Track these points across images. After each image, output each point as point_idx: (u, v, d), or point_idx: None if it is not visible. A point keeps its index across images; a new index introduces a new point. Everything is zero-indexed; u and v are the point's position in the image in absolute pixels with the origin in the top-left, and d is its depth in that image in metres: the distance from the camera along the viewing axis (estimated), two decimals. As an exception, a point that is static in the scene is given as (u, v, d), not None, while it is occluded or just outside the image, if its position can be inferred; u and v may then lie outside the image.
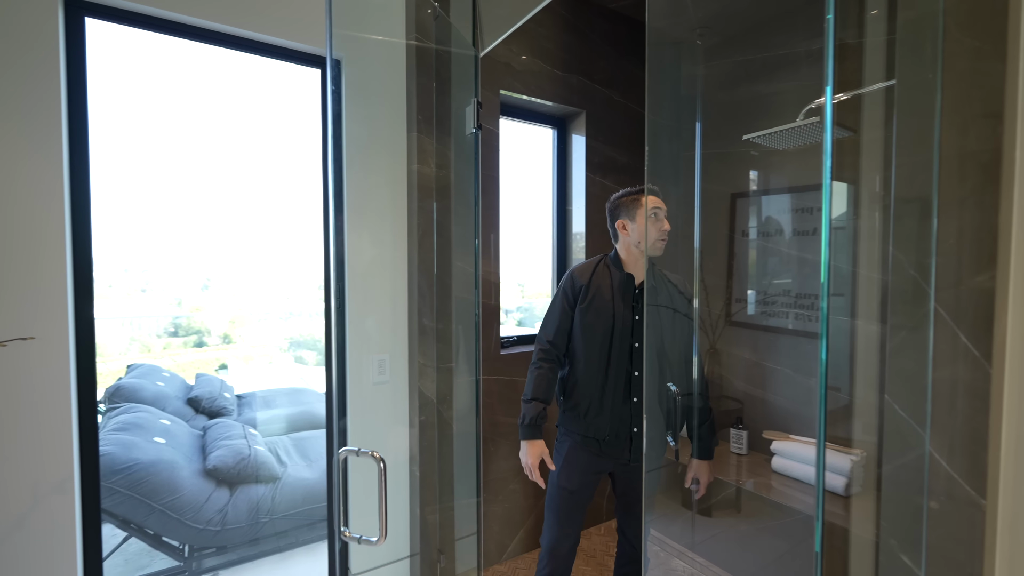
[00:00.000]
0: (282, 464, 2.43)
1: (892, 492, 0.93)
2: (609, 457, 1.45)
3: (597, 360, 1.41)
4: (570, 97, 2.19)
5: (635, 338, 1.41)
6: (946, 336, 0.84)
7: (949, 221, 0.84)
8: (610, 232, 1.55)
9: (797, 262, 2.23)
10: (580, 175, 2.30)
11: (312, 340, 4.58)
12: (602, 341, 1.40)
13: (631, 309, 1.42)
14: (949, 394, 0.84)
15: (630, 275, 1.45)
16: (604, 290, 1.44)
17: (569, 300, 1.47)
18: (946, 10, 0.84)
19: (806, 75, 2.11)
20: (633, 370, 1.41)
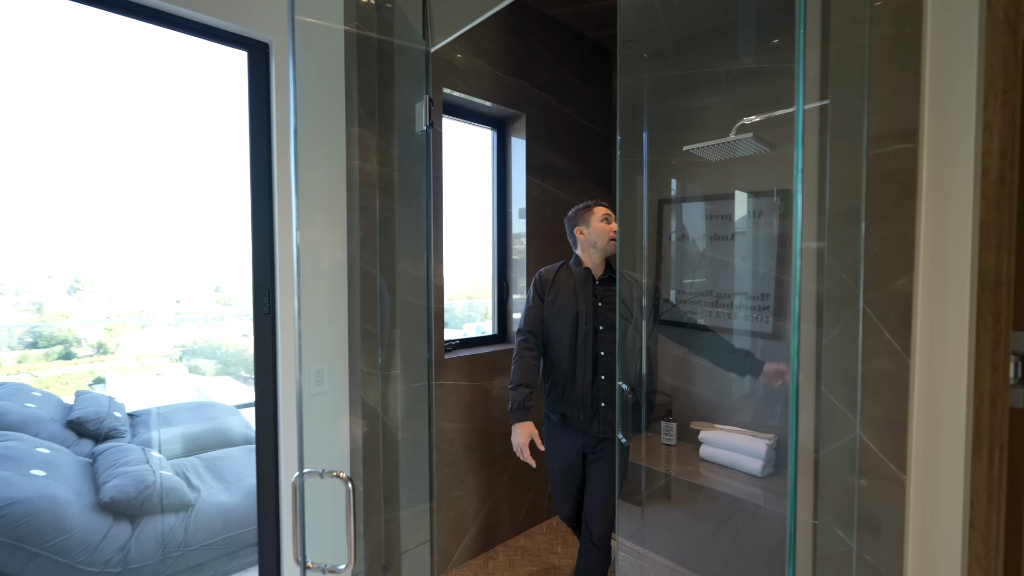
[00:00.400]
0: (194, 489, 2.18)
1: (828, 474, 1.03)
2: (580, 432, 1.62)
3: (567, 343, 1.61)
4: (511, 99, 2.20)
5: (598, 321, 1.61)
6: (873, 333, 0.95)
7: (875, 231, 0.95)
8: (570, 242, 1.76)
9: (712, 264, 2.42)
10: (520, 178, 2.31)
11: (211, 347, 4.14)
12: (569, 325, 1.61)
13: (592, 296, 1.63)
14: (875, 384, 0.96)
15: (588, 269, 1.67)
16: (567, 283, 1.67)
17: (539, 294, 1.69)
18: (871, 45, 0.95)
19: (726, 93, 2.30)
20: (599, 351, 1.59)
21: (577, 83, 2.52)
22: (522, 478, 2.29)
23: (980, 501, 0.91)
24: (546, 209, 2.38)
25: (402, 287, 1.74)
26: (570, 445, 1.65)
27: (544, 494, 2.40)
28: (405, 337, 1.76)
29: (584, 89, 2.56)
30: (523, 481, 2.29)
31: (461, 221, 2.32)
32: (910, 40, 0.91)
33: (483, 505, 2.16)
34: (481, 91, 2.09)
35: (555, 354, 1.64)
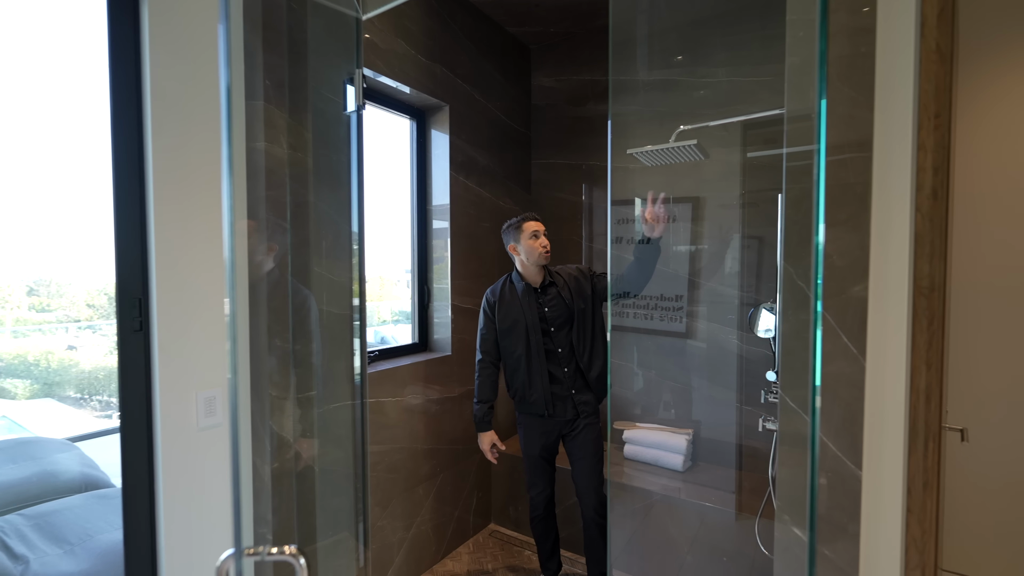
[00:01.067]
0: (18, 560, 1.66)
1: (786, 474, 1.07)
2: (556, 420, 1.77)
3: (521, 354, 1.76)
4: (433, 88, 2.03)
5: (548, 324, 1.76)
6: (831, 337, 1.00)
7: (832, 240, 1.00)
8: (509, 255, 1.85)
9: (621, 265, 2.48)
10: (443, 174, 2.15)
11: (23, 363, 3.27)
12: (519, 338, 1.76)
13: (537, 305, 1.77)
14: (833, 386, 1.00)
15: (527, 283, 1.79)
16: (512, 299, 1.79)
17: (489, 316, 1.83)
18: (830, 61, 1.00)
19: (643, 101, 2.38)
20: (557, 347, 1.75)
21: (499, 78, 2.42)
22: (446, 496, 2.13)
23: (916, 488, 1.00)
24: (470, 208, 2.25)
25: (319, 294, 1.49)
26: (545, 430, 1.79)
27: (470, 508, 2.27)
28: (323, 352, 1.51)
29: (506, 86, 2.48)
30: (447, 499, 2.14)
31: (375, 218, 2.09)
32: (865, 60, 0.96)
33: (408, 532, 1.96)
34: (402, 74, 1.89)
35: (512, 365, 1.79)
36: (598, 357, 1.77)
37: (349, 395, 1.60)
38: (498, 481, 2.39)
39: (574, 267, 1.84)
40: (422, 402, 2.01)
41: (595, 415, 1.81)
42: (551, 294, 1.77)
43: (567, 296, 1.76)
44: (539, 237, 1.75)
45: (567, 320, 1.76)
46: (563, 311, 1.75)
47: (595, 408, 1.79)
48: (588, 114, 2.52)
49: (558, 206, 2.65)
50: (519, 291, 1.78)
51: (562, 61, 2.59)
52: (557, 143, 2.64)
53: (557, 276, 1.80)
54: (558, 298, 1.77)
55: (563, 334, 1.76)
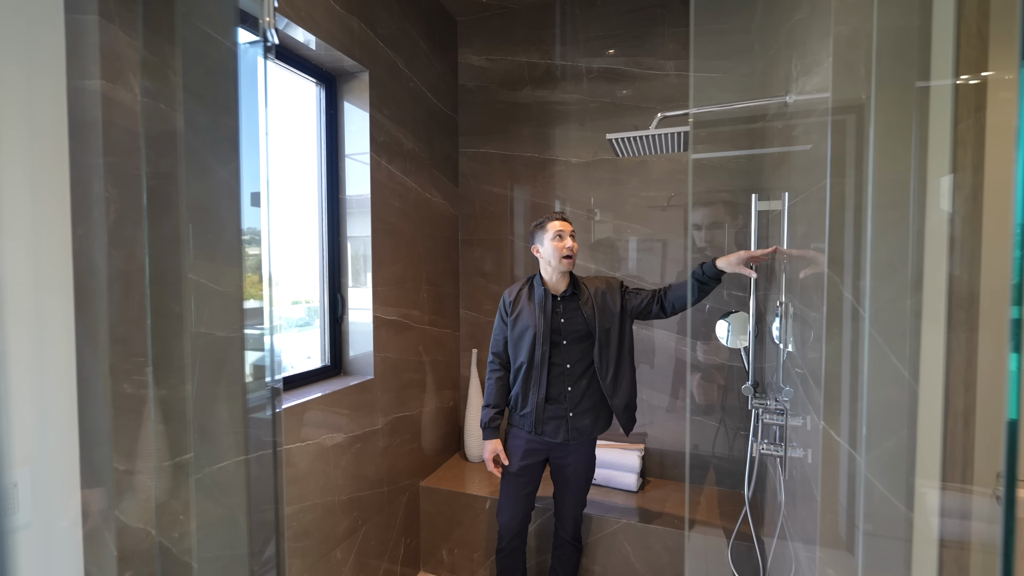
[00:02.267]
0: None
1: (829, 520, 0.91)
2: (548, 439, 1.60)
3: (524, 363, 1.60)
4: (350, 47, 1.62)
5: (561, 337, 1.59)
6: (880, 358, 0.86)
7: (880, 246, 0.85)
8: None
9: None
10: (361, 155, 1.74)
11: None
12: (526, 346, 1.60)
13: (553, 314, 1.60)
14: (881, 416, 0.86)
15: (546, 290, 1.61)
16: (527, 304, 1.63)
17: (503, 316, 1.68)
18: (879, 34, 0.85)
19: (587, 90, 2.19)
20: (564, 364, 1.58)
21: (424, 48, 2.07)
22: (370, 550, 1.74)
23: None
24: (394, 199, 1.87)
25: (197, 310, 1.04)
26: (530, 448, 1.62)
27: (397, 558, 1.89)
28: (204, 393, 1.06)
29: (432, 58, 2.13)
30: (371, 552, 1.74)
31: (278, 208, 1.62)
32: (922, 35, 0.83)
33: (324, 608, 1.53)
34: (310, 22, 1.46)
35: (516, 372, 1.64)
36: (625, 380, 1.58)
37: (241, 448, 1.16)
38: (428, 522, 2.04)
39: (604, 280, 1.65)
40: (339, 442, 1.59)
41: (591, 444, 1.64)
42: (571, 305, 1.60)
43: (589, 311, 1.58)
44: (563, 238, 1.55)
45: (584, 336, 1.58)
46: (581, 326, 1.58)
47: (590, 436, 1.62)
48: (524, 100, 2.27)
49: (490, 201, 2.37)
50: (537, 297, 1.62)
51: (494, 38, 2.31)
52: (488, 130, 2.35)
53: (583, 288, 1.63)
54: (578, 311, 1.59)
55: (576, 350, 1.58)
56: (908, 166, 0.84)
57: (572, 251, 1.55)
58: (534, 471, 1.63)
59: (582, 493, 1.64)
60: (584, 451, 1.61)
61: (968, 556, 0.89)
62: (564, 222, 1.58)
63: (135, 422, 0.94)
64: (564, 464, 1.61)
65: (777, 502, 1.42)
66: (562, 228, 1.56)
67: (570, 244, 1.55)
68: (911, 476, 0.85)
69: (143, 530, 0.96)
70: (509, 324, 1.64)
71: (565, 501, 1.64)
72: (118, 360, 0.91)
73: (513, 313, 1.63)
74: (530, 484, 1.64)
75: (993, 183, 0.99)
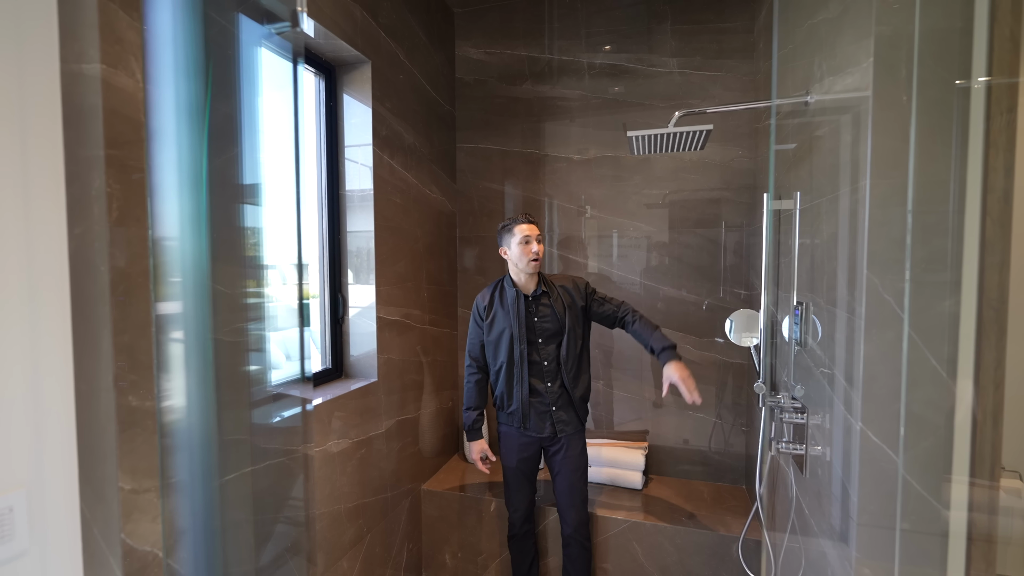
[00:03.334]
0: None
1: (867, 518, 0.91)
2: (535, 433, 1.66)
3: (504, 363, 1.65)
4: (353, 36, 1.55)
5: (536, 335, 1.63)
6: (918, 359, 0.86)
7: (920, 247, 0.85)
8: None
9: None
10: (363, 149, 1.67)
11: None
12: (504, 347, 1.64)
13: (527, 314, 1.64)
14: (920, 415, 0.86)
15: (517, 290, 1.65)
16: (500, 307, 1.66)
17: (477, 321, 1.71)
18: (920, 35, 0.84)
19: (588, 86, 2.16)
20: (541, 361, 1.63)
21: (423, 39, 2.00)
22: (375, 558, 1.68)
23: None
24: (395, 196, 1.81)
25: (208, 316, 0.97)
26: (523, 443, 1.68)
27: (400, 566, 1.84)
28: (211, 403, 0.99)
29: (430, 50, 2.07)
30: (376, 560, 1.69)
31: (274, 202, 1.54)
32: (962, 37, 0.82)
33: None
34: (313, 8, 1.39)
35: (494, 374, 1.69)
36: (584, 375, 1.67)
37: (247, 459, 1.10)
38: (430, 526, 1.99)
39: (570, 278, 1.70)
40: (345, 448, 1.53)
41: (579, 432, 1.69)
42: (543, 304, 1.65)
43: (559, 308, 1.64)
44: (529, 243, 1.59)
45: (556, 333, 1.64)
46: (553, 323, 1.64)
47: (577, 427, 1.69)
48: (524, 95, 2.23)
49: (488, 197, 2.32)
50: (509, 299, 1.65)
51: (492, 32, 2.26)
52: (486, 125, 2.30)
53: (552, 286, 1.68)
54: (550, 309, 1.64)
55: (551, 347, 1.64)
56: (948, 167, 0.83)
57: (538, 255, 1.60)
58: (531, 462, 1.71)
59: (578, 481, 1.66)
60: (574, 440, 1.67)
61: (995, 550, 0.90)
62: (531, 225, 1.61)
63: (141, 437, 0.87)
64: (555, 452, 1.67)
65: (788, 499, 1.43)
66: (529, 232, 1.59)
67: (536, 248, 1.59)
68: (948, 474, 0.85)
69: (150, 552, 0.89)
70: (484, 328, 1.68)
71: (562, 490, 1.67)
72: (122, 371, 0.83)
73: (488, 317, 1.67)
74: (531, 473, 1.72)
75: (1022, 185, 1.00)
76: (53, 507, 0.79)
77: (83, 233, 0.81)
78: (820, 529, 1.12)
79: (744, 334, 1.67)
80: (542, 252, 1.62)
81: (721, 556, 1.67)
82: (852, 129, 0.96)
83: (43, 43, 0.78)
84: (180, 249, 0.92)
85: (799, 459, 1.28)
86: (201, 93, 0.85)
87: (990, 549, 0.89)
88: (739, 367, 2.04)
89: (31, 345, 0.77)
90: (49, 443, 0.79)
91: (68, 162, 0.80)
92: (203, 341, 0.94)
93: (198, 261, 0.92)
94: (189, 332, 0.94)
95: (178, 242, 0.91)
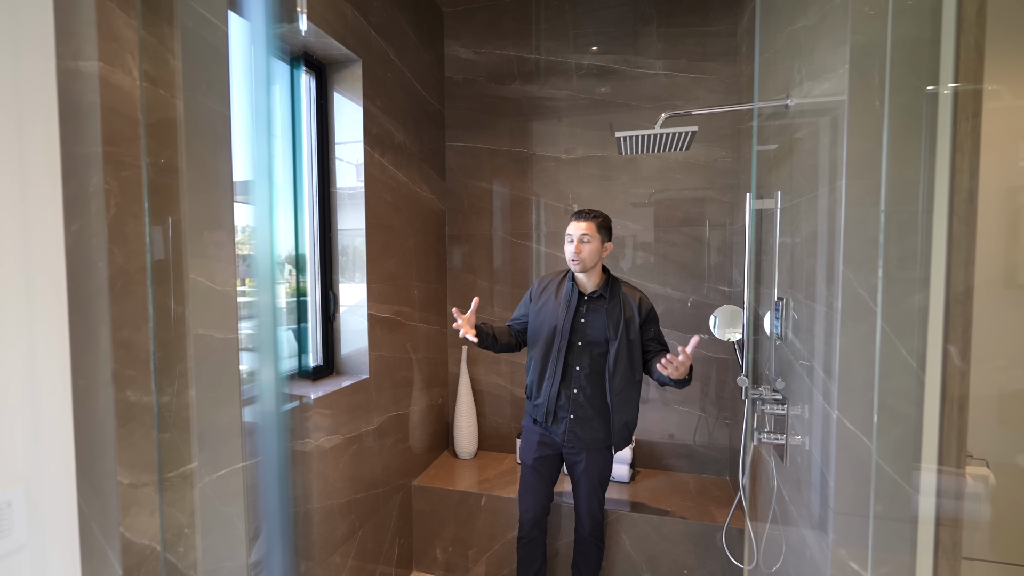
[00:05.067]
0: None
1: (843, 504, 0.96)
2: (552, 436, 1.62)
3: (541, 353, 1.60)
4: (344, 35, 1.56)
5: (577, 337, 1.57)
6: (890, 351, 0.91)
7: (893, 244, 0.90)
8: None
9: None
10: (354, 148, 1.69)
11: None
12: (545, 338, 1.59)
13: (575, 313, 1.57)
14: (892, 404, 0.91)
15: (574, 285, 1.60)
16: (553, 296, 1.63)
17: (530, 297, 1.70)
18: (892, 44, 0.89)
19: (576, 86, 2.20)
20: (574, 365, 1.57)
21: (413, 38, 2.02)
22: (366, 553, 1.70)
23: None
24: (386, 194, 1.82)
25: (198, 311, 0.98)
26: (544, 441, 1.63)
27: (392, 560, 1.86)
28: (203, 398, 1.01)
29: (420, 49, 2.08)
30: (368, 555, 1.71)
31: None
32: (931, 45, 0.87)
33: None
34: (308, 8, 1.39)
35: (531, 359, 1.65)
36: (630, 395, 1.56)
37: (238, 454, 1.11)
38: (421, 522, 2.01)
39: (639, 296, 1.59)
40: (337, 444, 1.54)
41: (601, 452, 1.60)
42: (597, 307, 1.57)
43: (614, 318, 1.54)
44: (572, 242, 1.53)
45: (600, 342, 1.54)
46: (600, 331, 1.54)
47: (601, 444, 1.58)
48: (513, 95, 2.25)
49: (477, 196, 2.34)
50: (565, 290, 1.60)
51: (481, 32, 2.28)
52: (475, 124, 2.32)
53: (616, 292, 1.58)
54: (601, 315, 1.55)
55: (589, 354, 1.55)
56: (918, 169, 0.88)
57: (577, 254, 1.51)
58: (550, 464, 1.63)
59: (594, 493, 1.61)
60: (597, 456, 1.58)
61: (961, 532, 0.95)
62: (577, 222, 1.54)
63: (139, 432, 0.87)
64: (575, 462, 1.61)
65: (769, 488, 1.48)
66: (572, 231, 1.53)
67: (577, 249, 1.51)
68: (917, 460, 0.91)
69: (148, 546, 0.89)
70: (532, 313, 1.64)
71: (578, 497, 1.64)
72: (121, 366, 0.84)
73: (538, 303, 1.63)
74: (547, 476, 1.64)
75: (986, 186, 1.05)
76: (51, 502, 0.80)
77: (80, 229, 0.82)
78: (800, 514, 1.17)
79: (727, 329, 1.72)
80: (583, 252, 1.50)
81: (706, 545, 1.72)
82: (829, 132, 1.01)
83: (39, 40, 0.79)
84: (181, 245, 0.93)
85: (780, 449, 1.33)
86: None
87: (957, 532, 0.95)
88: (723, 362, 2.10)
89: (28, 341, 0.77)
90: (47, 439, 0.80)
91: (65, 159, 0.81)
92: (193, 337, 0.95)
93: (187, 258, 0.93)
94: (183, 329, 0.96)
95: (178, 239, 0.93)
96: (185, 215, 0.96)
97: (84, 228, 0.82)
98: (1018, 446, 1.14)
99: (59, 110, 0.80)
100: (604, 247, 1.55)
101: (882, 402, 0.92)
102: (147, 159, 0.89)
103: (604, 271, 1.61)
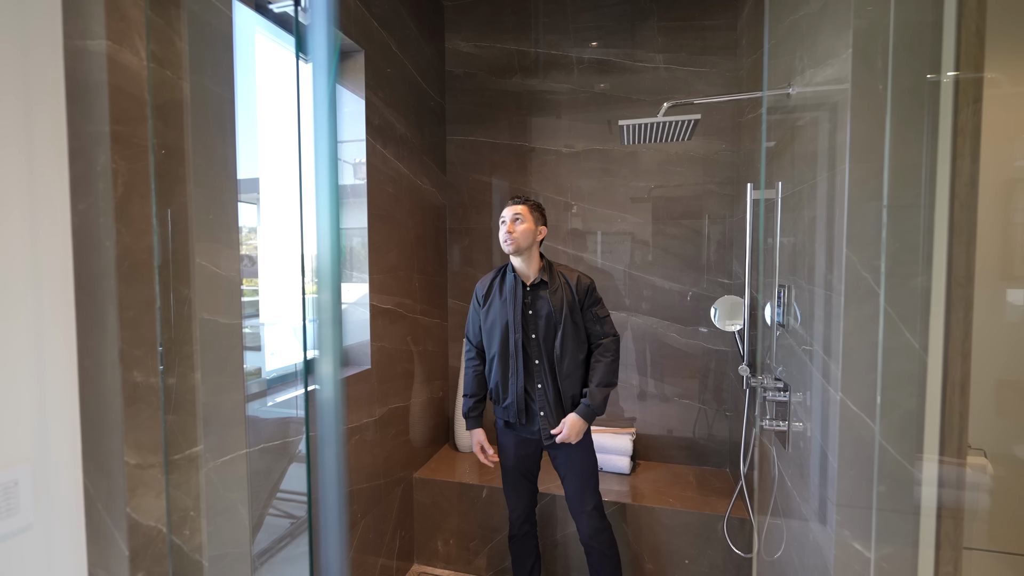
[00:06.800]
0: None
1: (847, 485, 0.97)
2: (528, 433, 1.59)
3: (499, 353, 1.57)
4: (347, 25, 1.56)
5: (530, 331, 1.54)
6: (893, 332, 0.92)
7: (895, 226, 0.91)
8: None
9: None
10: (357, 140, 1.69)
11: None
12: (500, 336, 1.56)
13: (523, 305, 1.55)
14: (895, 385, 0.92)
15: (516, 276, 1.57)
16: (498, 292, 1.59)
17: (476, 305, 1.66)
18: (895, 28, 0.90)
19: (577, 80, 2.21)
20: (533, 359, 1.55)
21: (415, 31, 2.02)
22: (368, 545, 1.70)
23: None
24: (388, 185, 1.82)
25: (204, 295, 0.98)
26: (520, 440, 1.61)
27: (392, 553, 1.85)
28: (209, 382, 1.00)
29: (421, 42, 2.08)
30: (369, 547, 1.70)
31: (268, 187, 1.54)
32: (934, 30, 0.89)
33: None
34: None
35: (490, 363, 1.61)
36: (576, 373, 1.54)
37: (242, 441, 1.11)
38: (422, 514, 2.01)
39: (576, 273, 1.57)
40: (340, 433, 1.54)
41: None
42: (541, 295, 1.54)
43: (557, 303, 1.52)
44: (505, 222, 1.51)
45: (551, 329, 1.52)
46: (549, 318, 1.52)
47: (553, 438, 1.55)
48: (514, 88, 2.26)
49: (477, 189, 2.35)
50: (507, 285, 1.57)
51: (481, 25, 2.28)
52: (476, 117, 2.33)
53: (557, 275, 1.56)
54: (546, 302, 1.53)
55: (545, 343, 1.53)
56: (920, 153, 0.89)
57: (510, 234, 1.48)
58: (531, 460, 1.62)
59: (585, 487, 1.55)
60: (574, 446, 1.54)
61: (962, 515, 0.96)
62: (512, 206, 1.51)
63: (146, 413, 0.87)
64: (556, 455, 1.58)
65: (770, 477, 1.49)
66: (506, 212, 1.51)
67: (509, 229, 1.48)
68: (920, 440, 0.92)
69: (154, 527, 0.89)
70: (482, 315, 1.61)
71: (570, 496, 1.57)
72: (128, 346, 0.84)
73: (485, 304, 1.60)
74: (529, 472, 1.63)
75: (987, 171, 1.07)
76: (57, 481, 0.80)
77: (87, 209, 0.82)
78: (802, 498, 1.18)
79: (728, 320, 1.73)
80: (516, 232, 1.47)
81: (707, 535, 1.73)
82: (832, 117, 1.02)
83: (47, 18, 0.79)
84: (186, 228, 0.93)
85: (782, 435, 1.34)
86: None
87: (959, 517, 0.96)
88: (722, 354, 2.11)
89: (35, 320, 0.77)
90: (53, 418, 0.80)
91: (72, 138, 0.81)
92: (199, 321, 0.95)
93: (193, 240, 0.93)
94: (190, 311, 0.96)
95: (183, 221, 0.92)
96: (191, 198, 0.95)
97: (91, 207, 0.82)
98: (1015, 436, 1.15)
99: (66, 89, 0.80)
100: (539, 230, 1.53)
101: (885, 383, 0.92)
102: (154, 140, 0.88)
103: (542, 257, 1.57)
